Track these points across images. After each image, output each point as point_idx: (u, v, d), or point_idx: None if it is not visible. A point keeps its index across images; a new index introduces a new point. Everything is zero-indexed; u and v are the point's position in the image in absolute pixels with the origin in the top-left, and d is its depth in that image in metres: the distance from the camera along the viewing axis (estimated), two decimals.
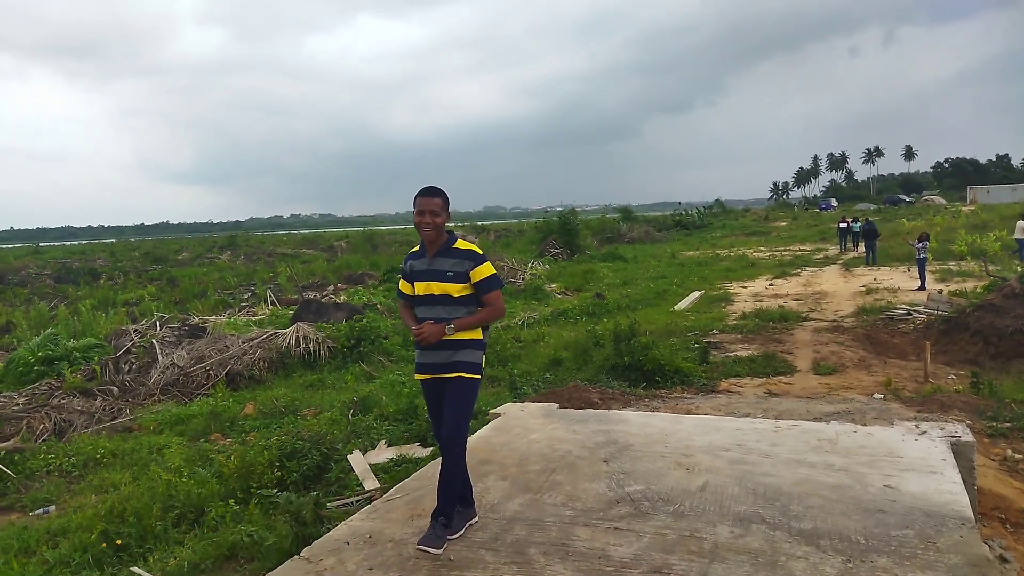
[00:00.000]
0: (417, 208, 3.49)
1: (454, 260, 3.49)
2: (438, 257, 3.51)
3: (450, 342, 3.46)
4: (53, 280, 29.81)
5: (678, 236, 44.05)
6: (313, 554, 3.49)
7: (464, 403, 3.52)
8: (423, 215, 3.47)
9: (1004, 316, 9.90)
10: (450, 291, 3.47)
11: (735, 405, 7.19)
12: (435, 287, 3.48)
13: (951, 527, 3.36)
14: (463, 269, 3.48)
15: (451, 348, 3.47)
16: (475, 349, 3.53)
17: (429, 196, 3.50)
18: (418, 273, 3.56)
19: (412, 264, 3.63)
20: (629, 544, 3.37)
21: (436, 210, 3.48)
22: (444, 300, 3.47)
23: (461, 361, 3.50)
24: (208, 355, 10.60)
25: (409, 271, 3.63)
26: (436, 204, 3.48)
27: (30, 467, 6.84)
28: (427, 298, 3.51)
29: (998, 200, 55.87)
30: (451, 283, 3.46)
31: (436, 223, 3.47)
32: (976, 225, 28.90)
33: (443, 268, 3.49)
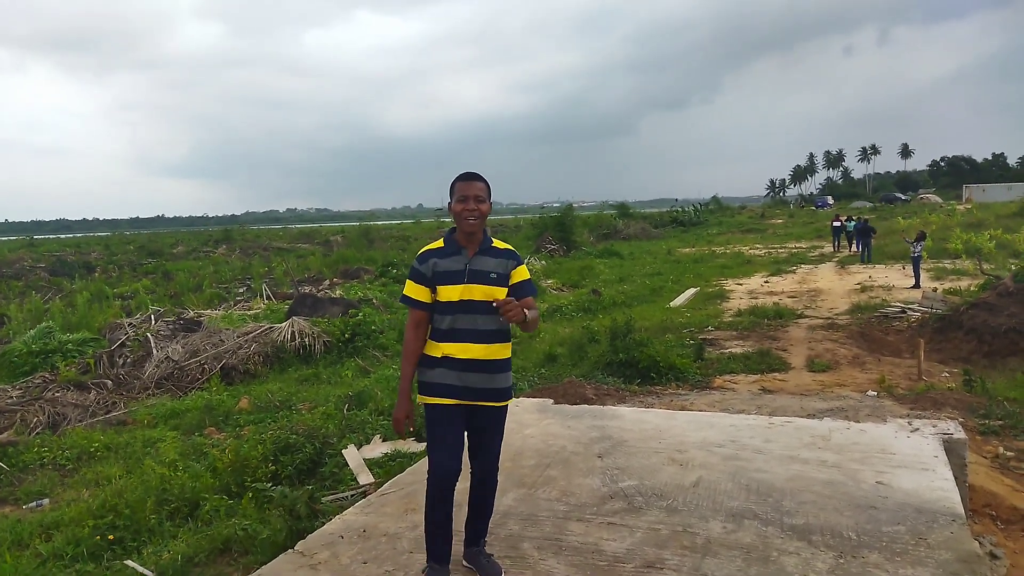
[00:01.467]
0: (458, 195, 2.95)
1: (497, 259, 2.99)
2: (480, 256, 2.97)
3: (494, 363, 2.97)
4: (48, 273, 29.71)
5: (674, 233, 44.11)
6: (307, 548, 3.50)
7: (503, 432, 3.12)
8: (466, 202, 2.92)
9: (998, 314, 9.94)
10: (497, 296, 2.92)
11: (729, 401, 7.21)
12: (478, 291, 2.93)
13: (942, 523, 3.38)
14: (505, 270, 2.99)
15: (493, 370, 2.97)
16: (510, 370, 3.09)
17: (472, 180, 2.97)
18: (451, 275, 2.94)
19: (437, 264, 2.97)
20: (622, 539, 3.39)
21: (482, 196, 2.95)
22: (490, 308, 2.90)
23: (506, 387, 3.03)
24: (203, 349, 10.59)
25: (431, 273, 2.96)
26: (481, 189, 2.96)
27: (24, 460, 6.83)
28: (467, 305, 2.93)
29: (994, 199, 56.06)
30: (496, 286, 2.94)
31: (482, 211, 2.94)
32: (971, 224, 28.95)
33: (486, 268, 2.95)
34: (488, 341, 2.96)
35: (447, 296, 2.94)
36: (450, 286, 2.94)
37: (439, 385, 2.96)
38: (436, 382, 2.97)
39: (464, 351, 2.94)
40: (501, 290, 2.94)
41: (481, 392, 2.97)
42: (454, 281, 2.94)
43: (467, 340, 2.94)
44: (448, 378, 2.95)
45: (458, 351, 2.94)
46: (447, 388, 2.95)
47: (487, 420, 3.03)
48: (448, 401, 2.96)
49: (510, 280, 3.00)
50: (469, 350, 2.93)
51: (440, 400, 2.97)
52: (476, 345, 2.94)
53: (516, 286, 3.01)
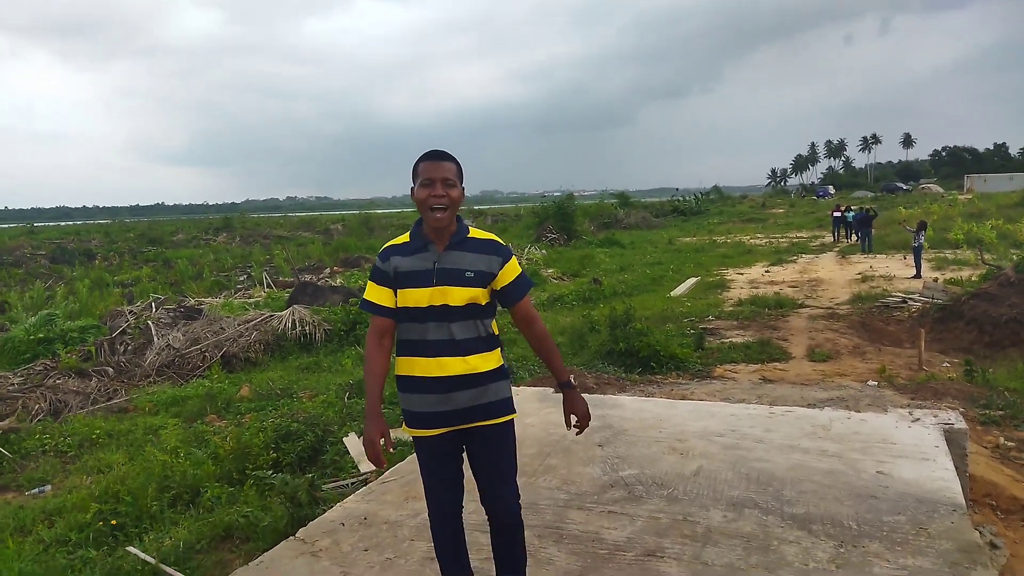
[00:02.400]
0: (422, 177, 2.41)
1: (474, 255, 2.46)
2: (452, 251, 2.46)
3: (480, 376, 2.46)
4: (48, 261, 29.71)
5: (675, 222, 44.02)
6: (308, 535, 3.51)
7: (514, 457, 2.60)
8: (432, 186, 2.39)
9: (999, 305, 9.93)
10: (477, 298, 2.44)
11: (730, 391, 7.21)
12: (452, 294, 2.42)
13: (943, 513, 3.39)
14: (487, 268, 2.46)
15: (482, 382, 2.47)
16: (507, 379, 2.59)
17: (439, 160, 2.43)
18: (416, 275, 2.44)
19: (399, 262, 2.47)
20: (623, 527, 3.39)
21: (451, 179, 2.42)
22: (466, 312, 2.43)
23: (499, 400, 2.51)
24: (204, 337, 10.59)
25: (394, 273, 2.47)
26: (450, 171, 2.43)
27: (26, 447, 6.84)
28: (440, 311, 2.42)
29: (995, 189, 55.89)
30: (474, 287, 2.43)
31: (452, 198, 2.41)
32: (973, 214, 28.89)
33: (460, 266, 2.44)
34: (468, 352, 2.45)
35: (413, 301, 2.43)
36: (415, 289, 2.43)
37: (420, 414, 2.48)
38: (417, 410, 2.48)
39: (441, 367, 2.43)
40: (479, 291, 2.44)
41: (471, 412, 2.47)
42: (420, 283, 2.42)
43: (443, 354, 2.43)
44: (428, 403, 2.46)
45: (434, 368, 2.44)
46: (431, 417, 2.47)
47: (486, 444, 2.52)
48: (434, 432, 2.48)
49: (497, 281, 2.49)
50: (446, 366, 2.43)
51: (425, 432, 2.49)
52: (454, 359, 2.43)
53: (508, 288, 2.51)
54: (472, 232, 2.53)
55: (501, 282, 2.51)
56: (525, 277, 2.59)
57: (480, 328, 2.48)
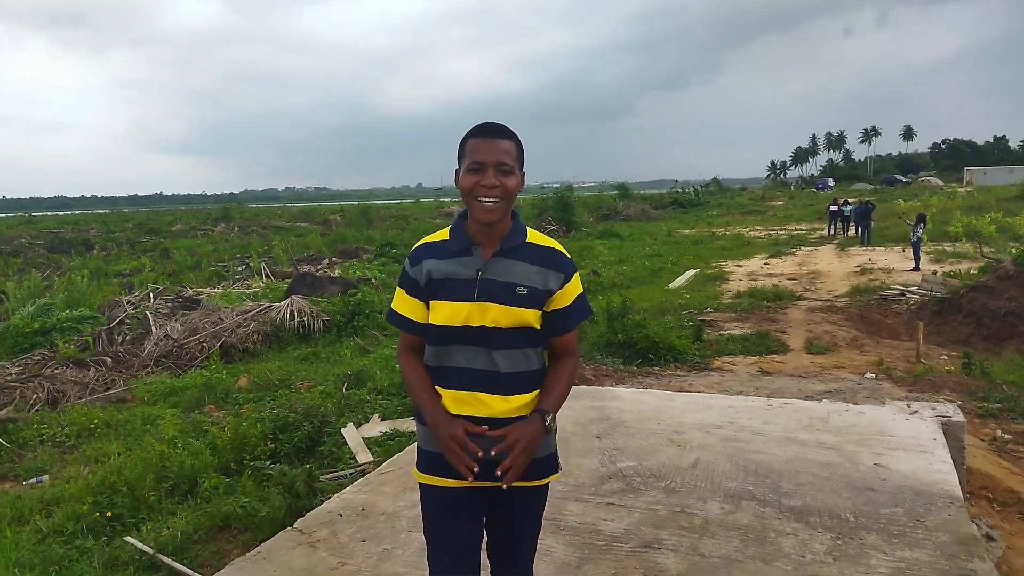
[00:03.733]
0: (471, 161, 1.83)
1: (530, 266, 1.90)
2: (502, 258, 1.90)
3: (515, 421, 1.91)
4: (46, 250, 29.62)
5: (674, 214, 43.97)
6: (306, 526, 3.51)
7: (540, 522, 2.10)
8: (483, 172, 1.81)
9: (997, 298, 9.93)
10: (528, 322, 1.90)
11: (728, 383, 7.22)
12: (497, 313, 1.87)
13: (940, 506, 3.39)
14: (545, 285, 1.91)
15: None
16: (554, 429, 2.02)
17: (493, 137, 1.84)
18: (453, 284, 1.88)
19: (432, 266, 1.91)
20: (620, 519, 3.39)
21: (507, 164, 1.83)
22: (514, 338, 1.90)
23: (544, 456, 1.99)
24: (202, 327, 10.58)
25: (426, 279, 1.92)
26: (507, 153, 1.84)
27: (23, 437, 6.84)
28: (479, 333, 1.88)
29: (995, 182, 55.89)
30: (524, 308, 1.88)
31: (508, 188, 1.82)
32: (972, 207, 28.87)
33: (511, 279, 1.88)
34: (513, 391, 1.91)
35: (446, 317, 1.88)
36: (450, 303, 1.88)
37: (442, 457, 1.90)
38: (436, 451, 1.93)
39: (474, 404, 1.90)
40: (532, 314, 1.90)
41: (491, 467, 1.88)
42: (457, 296, 1.88)
43: (477, 387, 1.89)
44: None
45: (464, 404, 1.91)
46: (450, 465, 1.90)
47: (515, 509, 1.99)
48: (455, 483, 1.92)
49: (551, 301, 1.93)
50: (485, 403, 1.90)
51: (442, 481, 1.94)
52: (491, 396, 1.89)
53: (560, 314, 1.96)
54: (531, 235, 1.96)
55: (556, 304, 1.94)
56: (585, 302, 2.03)
57: (532, 360, 1.94)
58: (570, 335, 2.03)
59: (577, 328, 2.05)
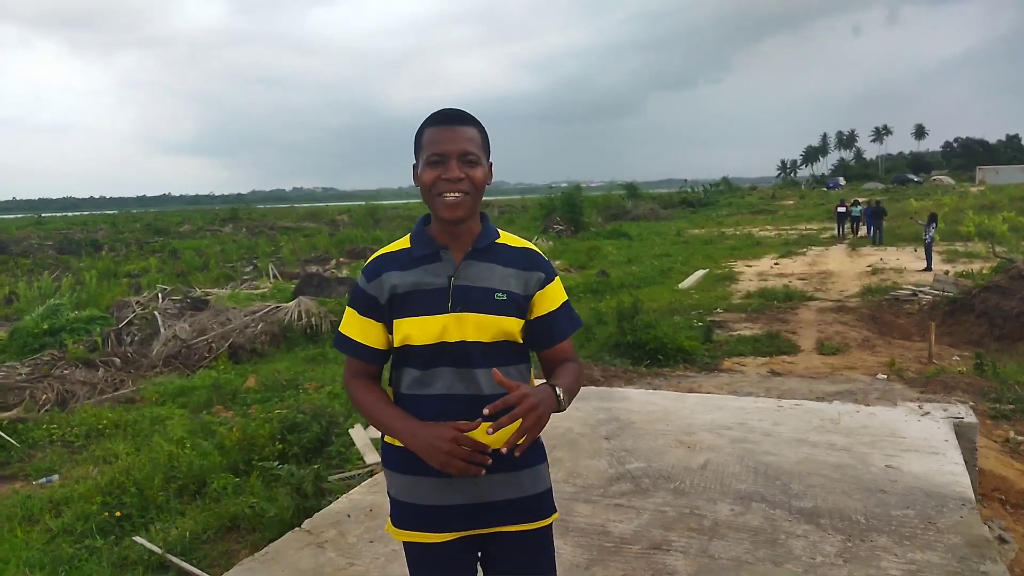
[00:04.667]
0: (429, 153, 1.60)
1: (506, 269, 1.66)
2: (475, 260, 1.65)
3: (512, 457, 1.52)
4: (55, 251, 29.85)
5: (684, 214, 43.86)
6: (314, 526, 3.50)
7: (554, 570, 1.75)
8: (444, 164, 1.58)
9: (1010, 298, 9.84)
10: (511, 333, 1.64)
11: (738, 384, 7.18)
12: (473, 325, 1.61)
13: (952, 508, 3.35)
14: (524, 289, 1.66)
15: (515, 465, 1.64)
16: (546, 459, 1.79)
17: (453, 124, 1.61)
18: (423, 297, 1.62)
19: (396, 280, 1.64)
20: (629, 521, 3.37)
21: (472, 153, 1.60)
22: (497, 353, 1.63)
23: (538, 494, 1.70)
24: (210, 328, 10.62)
25: (388, 295, 1.65)
26: (471, 140, 1.61)
27: (33, 437, 6.88)
28: (458, 351, 1.60)
29: (1008, 181, 55.50)
30: (504, 316, 1.62)
31: (474, 181, 1.60)
32: (984, 206, 28.69)
33: (488, 283, 1.63)
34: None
35: (419, 336, 1.61)
36: (423, 318, 1.60)
37: (421, 508, 1.64)
38: (415, 501, 1.65)
39: None
40: (514, 323, 1.64)
41: (501, 509, 1.64)
42: (429, 309, 1.60)
43: (460, 416, 1.56)
44: (434, 491, 1.62)
45: None
46: (437, 514, 1.63)
47: (518, 560, 1.68)
48: (440, 537, 1.64)
49: (533, 307, 1.68)
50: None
51: (426, 537, 1.65)
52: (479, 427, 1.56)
53: (547, 319, 1.69)
54: (503, 236, 1.72)
55: (538, 310, 1.68)
56: (572, 311, 1.75)
57: (517, 375, 1.66)
58: (565, 344, 1.73)
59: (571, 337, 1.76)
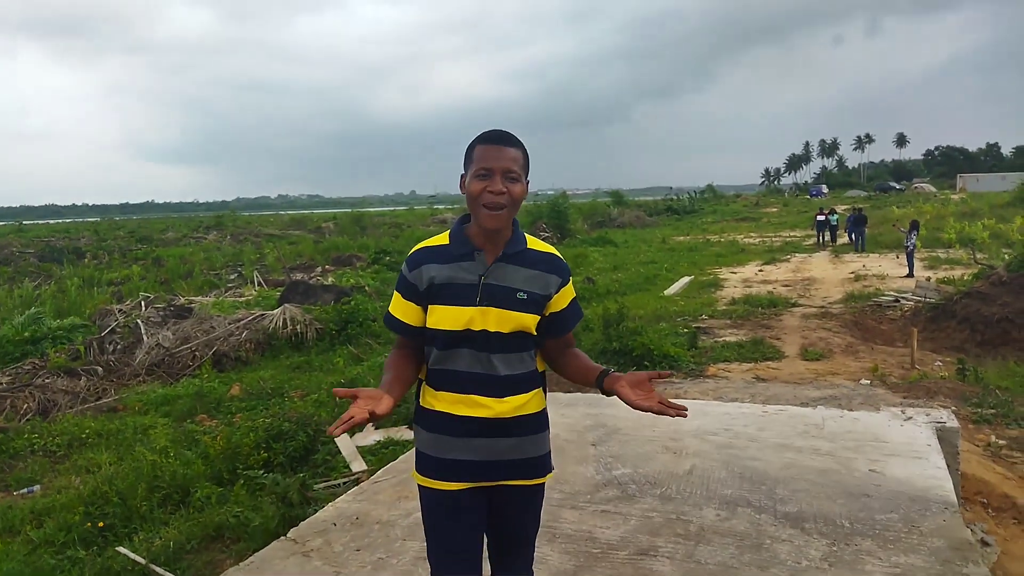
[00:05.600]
0: (478, 167, 1.85)
1: (530, 271, 1.95)
2: (504, 263, 1.93)
3: (522, 421, 1.97)
4: (37, 259, 29.47)
5: (669, 221, 44.11)
6: (300, 535, 3.48)
7: (539, 522, 2.15)
8: (491, 178, 1.84)
9: (991, 304, 9.98)
10: (527, 326, 1.95)
11: (723, 390, 7.22)
12: (499, 318, 1.91)
13: (935, 511, 3.39)
14: (544, 290, 1.97)
15: (523, 431, 1.99)
16: (548, 427, 2.11)
17: (503, 145, 1.87)
18: (456, 290, 1.91)
19: (434, 272, 1.92)
20: (616, 527, 3.38)
21: (514, 172, 1.87)
22: (513, 342, 1.94)
23: (539, 456, 2.05)
24: (194, 336, 10.53)
25: (426, 284, 1.93)
26: (515, 160, 1.88)
27: (14, 447, 6.78)
28: (480, 338, 1.91)
29: (988, 188, 56.33)
30: (524, 313, 1.93)
31: (514, 196, 1.86)
32: (965, 213, 29.07)
33: (512, 284, 1.92)
34: (510, 392, 1.95)
35: (448, 322, 1.91)
36: (452, 307, 1.90)
37: (443, 461, 1.96)
38: (438, 455, 1.96)
39: (473, 406, 1.94)
40: (531, 318, 1.95)
41: (505, 467, 1.98)
42: (460, 300, 1.90)
43: (477, 391, 1.93)
44: (454, 449, 1.95)
45: (463, 406, 1.94)
46: (454, 465, 1.95)
47: (515, 507, 2.04)
48: (455, 486, 1.96)
49: (549, 305, 1.99)
50: (481, 405, 1.93)
51: (445, 485, 1.96)
52: (490, 399, 1.94)
53: (560, 315, 2.03)
54: (530, 242, 2.00)
55: (553, 308, 2.01)
56: (578, 306, 2.11)
57: (527, 362, 2.00)
58: (570, 334, 2.13)
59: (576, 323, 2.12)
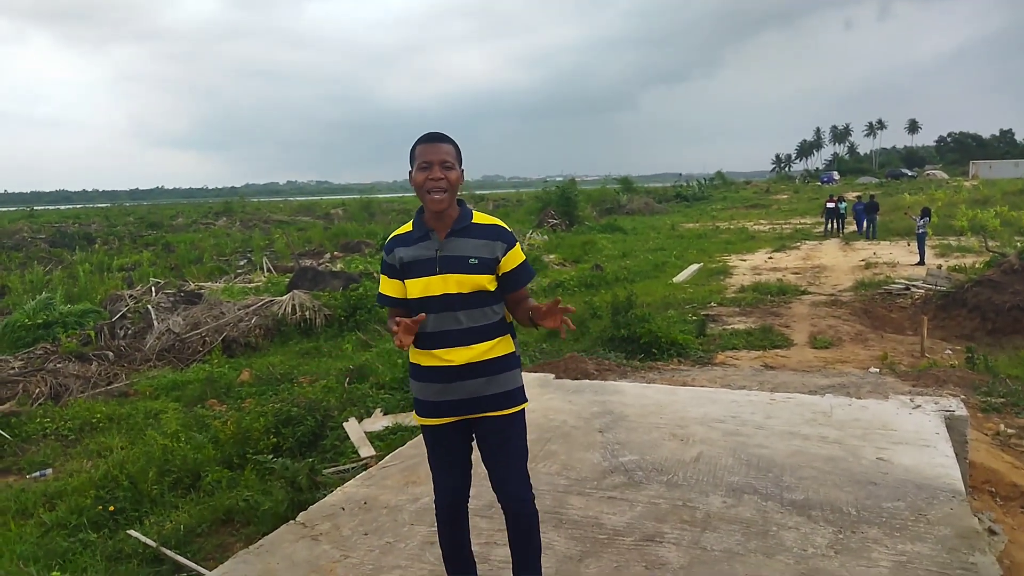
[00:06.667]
0: (420, 161, 2.38)
1: (478, 241, 2.43)
2: (454, 237, 2.43)
3: (490, 363, 2.44)
4: (48, 244, 29.65)
5: (678, 208, 43.87)
6: (309, 519, 3.51)
7: (524, 445, 2.56)
8: (430, 169, 2.36)
9: (1002, 292, 9.89)
10: (483, 285, 2.42)
11: (731, 377, 7.21)
12: (457, 282, 2.40)
13: (942, 500, 3.38)
14: (492, 254, 2.43)
15: (491, 371, 2.45)
16: (518, 367, 2.57)
17: (437, 142, 2.40)
18: (419, 264, 2.43)
19: (403, 253, 2.46)
20: (622, 513, 3.39)
21: (449, 161, 2.38)
22: (474, 300, 2.42)
23: (508, 391, 2.49)
24: (204, 321, 10.59)
25: (399, 264, 2.46)
26: (448, 153, 2.39)
27: (27, 431, 6.86)
28: (441, 300, 2.40)
29: (1001, 175, 55.71)
30: (478, 274, 2.41)
31: (450, 181, 2.38)
32: (977, 200, 28.81)
33: (463, 253, 2.41)
34: (476, 340, 2.43)
35: (419, 291, 2.42)
36: (419, 279, 2.42)
37: (427, 402, 2.49)
38: (424, 398, 2.50)
39: (448, 356, 2.42)
40: (485, 278, 2.42)
41: (478, 402, 2.45)
42: (423, 272, 2.42)
43: (449, 343, 2.42)
44: (434, 391, 2.46)
45: (435, 358, 2.44)
46: (436, 406, 2.47)
47: (494, 435, 2.49)
48: (440, 421, 2.49)
49: (499, 267, 2.45)
50: (453, 354, 2.42)
51: (432, 421, 2.51)
52: (461, 348, 2.42)
53: (511, 274, 2.48)
54: (476, 217, 2.49)
55: (505, 268, 2.47)
56: (528, 266, 2.54)
57: (489, 315, 2.45)
58: (524, 290, 2.54)
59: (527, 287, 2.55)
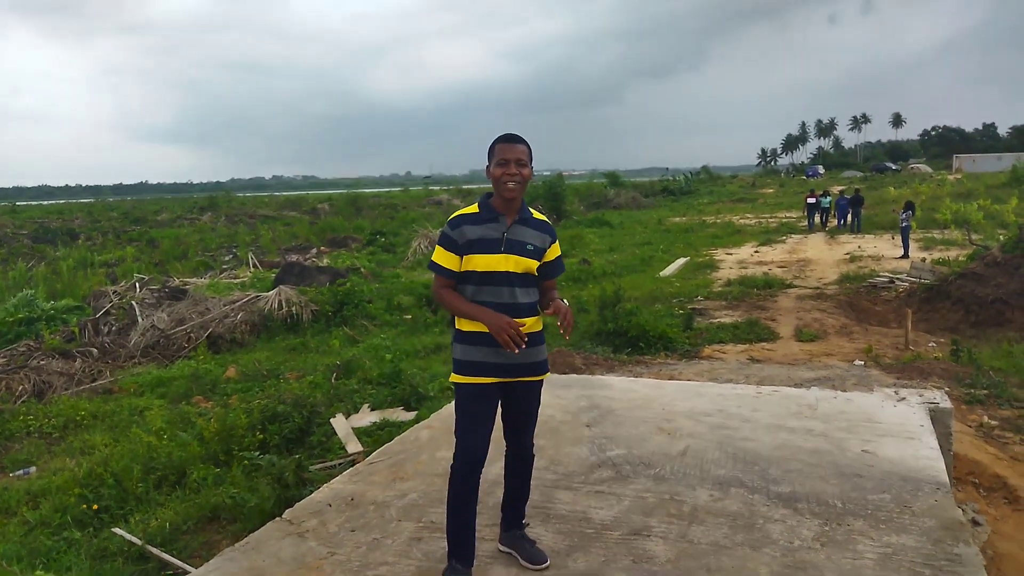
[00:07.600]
0: (498, 157, 2.76)
1: (534, 231, 2.82)
2: (518, 225, 2.80)
3: (530, 336, 2.75)
4: (30, 240, 29.28)
5: (665, 202, 44.02)
6: (295, 516, 3.49)
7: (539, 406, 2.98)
8: (507, 165, 2.73)
9: (985, 285, 10.00)
10: (532, 269, 2.81)
11: (718, 371, 7.24)
12: (516, 262, 2.76)
13: (927, 491, 3.41)
14: (543, 244, 2.84)
15: (531, 343, 2.76)
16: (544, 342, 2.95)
17: (515, 143, 2.78)
18: (486, 243, 2.75)
19: (469, 231, 2.76)
20: (610, 507, 3.39)
21: (524, 160, 2.77)
22: (525, 279, 2.79)
23: (541, 360, 2.89)
24: (189, 317, 10.51)
25: (463, 240, 2.75)
26: (524, 152, 2.78)
27: (10, 428, 6.78)
28: (504, 276, 2.75)
29: (984, 169, 56.29)
30: (531, 259, 2.79)
31: (524, 176, 2.76)
32: (961, 194, 29.08)
33: (523, 239, 2.78)
34: (525, 314, 2.78)
35: (482, 265, 2.74)
36: (484, 255, 2.74)
37: (478, 364, 2.75)
38: (474, 360, 2.76)
39: None
40: (534, 263, 2.80)
41: (521, 368, 2.80)
42: (489, 250, 2.74)
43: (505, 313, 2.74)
44: (488, 355, 2.74)
45: None
46: (487, 367, 2.75)
47: (526, 396, 2.88)
48: (487, 380, 2.77)
49: (545, 256, 2.84)
50: None
51: (478, 379, 2.76)
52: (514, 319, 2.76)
53: (551, 264, 2.88)
54: (533, 213, 2.88)
55: (547, 258, 2.86)
56: (562, 260, 2.98)
57: (533, 294, 2.83)
58: (554, 280, 2.93)
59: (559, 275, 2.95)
